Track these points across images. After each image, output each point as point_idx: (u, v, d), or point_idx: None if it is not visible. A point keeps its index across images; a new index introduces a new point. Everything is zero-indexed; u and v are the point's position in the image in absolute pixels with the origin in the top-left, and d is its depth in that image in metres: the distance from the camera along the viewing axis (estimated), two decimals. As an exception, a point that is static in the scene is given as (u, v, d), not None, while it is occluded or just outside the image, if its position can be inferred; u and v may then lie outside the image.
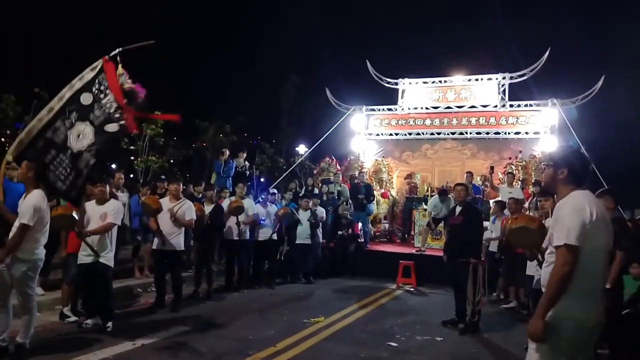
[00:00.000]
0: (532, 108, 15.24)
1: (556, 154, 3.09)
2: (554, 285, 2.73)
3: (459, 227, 7.13)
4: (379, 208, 15.02)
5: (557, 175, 2.94)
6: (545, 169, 3.08)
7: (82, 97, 4.82)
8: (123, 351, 5.30)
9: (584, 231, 2.71)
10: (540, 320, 2.74)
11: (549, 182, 3.05)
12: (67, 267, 6.55)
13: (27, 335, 4.93)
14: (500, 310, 8.54)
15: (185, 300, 7.89)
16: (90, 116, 4.81)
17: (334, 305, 8.22)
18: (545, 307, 2.74)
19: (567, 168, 2.91)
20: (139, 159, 19.28)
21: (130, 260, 9.44)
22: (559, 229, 2.77)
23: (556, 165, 2.96)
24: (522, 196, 10.54)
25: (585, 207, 2.78)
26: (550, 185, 3.05)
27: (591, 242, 2.74)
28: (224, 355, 5.34)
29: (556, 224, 2.82)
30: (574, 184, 2.91)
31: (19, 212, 4.84)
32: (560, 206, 2.87)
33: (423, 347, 6.06)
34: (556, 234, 2.78)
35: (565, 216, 2.77)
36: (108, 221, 6.09)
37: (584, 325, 2.76)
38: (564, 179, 2.92)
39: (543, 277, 2.96)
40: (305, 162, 24.93)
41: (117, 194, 7.94)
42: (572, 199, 2.85)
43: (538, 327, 2.75)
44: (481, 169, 14.43)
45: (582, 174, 2.95)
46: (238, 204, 9.13)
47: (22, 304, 4.95)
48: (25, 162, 5.03)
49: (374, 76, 17.06)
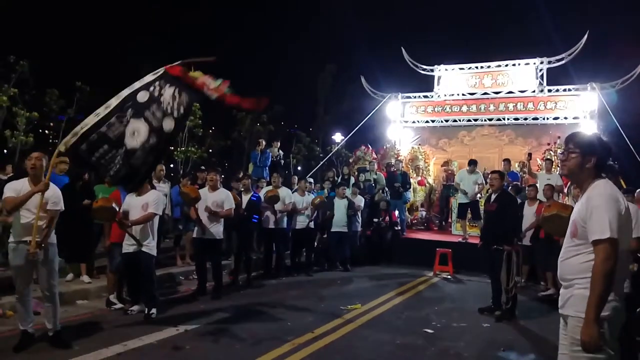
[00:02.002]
0: (570, 93, 14.84)
1: (584, 141, 2.87)
2: (601, 284, 2.51)
3: (494, 214, 7.09)
4: (415, 196, 14.99)
5: (585, 163, 2.80)
6: (567, 155, 2.86)
7: (138, 95, 4.83)
8: (167, 336, 5.52)
9: (621, 222, 2.58)
10: (593, 326, 2.48)
11: (575, 170, 2.85)
12: (112, 256, 6.82)
13: (58, 323, 5.12)
14: (538, 298, 8.47)
15: (226, 287, 8.12)
16: (146, 113, 4.79)
17: (371, 293, 8.31)
18: (596, 309, 2.49)
19: (595, 156, 2.79)
20: (179, 150, 19.70)
21: (172, 249, 9.76)
22: (596, 221, 2.59)
23: (584, 153, 2.81)
24: (561, 182, 10.33)
25: (618, 197, 2.66)
26: (577, 173, 2.86)
27: (623, 234, 2.61)
28: (263, 340, 5.49)
29: (591, 216, 2.63)
30: (597, 173, 2.80)
31: (51, 201, 4.99)
32: (591, 196, 2.71)
33: (458, 334, 6.09)
34: (594, 226, 2.60)
35: (602, 207, 2.61)
36: (149, 211, 6.29)
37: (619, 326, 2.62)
38: (591, 167, 2.79)
39: (564, 271, 2.81)
40: (341, 151, 24.96)
41: (159, 184, 8.21)
42: (603, 189, 2.71)
43: (593, 334, 2.48)
44: (519, 156, 14.22)
45: (605, 164, 2.88)
46: (274, 193, 9.28)
47: (49, 292, 5.07)
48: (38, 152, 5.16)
49: (410, 63, 16.91)
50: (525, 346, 5.76)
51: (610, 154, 2.98)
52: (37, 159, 4.99)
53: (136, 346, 5.15)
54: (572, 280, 2.72)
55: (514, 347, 5.68)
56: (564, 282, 2.81)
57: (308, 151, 30.76)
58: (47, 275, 5.04)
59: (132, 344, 5.18)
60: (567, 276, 2.78)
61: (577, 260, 2.71)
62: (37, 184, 4.96)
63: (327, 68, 39.56)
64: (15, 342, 4.93)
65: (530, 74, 15.26)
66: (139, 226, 6.29)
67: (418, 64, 16.78)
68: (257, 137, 19.43)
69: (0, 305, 6.05)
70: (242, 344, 5.39)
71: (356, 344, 5.55)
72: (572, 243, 2.78)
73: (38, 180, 4.99)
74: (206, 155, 23.53)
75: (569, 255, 2.79)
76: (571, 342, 2.67)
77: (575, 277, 2.71)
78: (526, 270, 9.13)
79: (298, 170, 27.41)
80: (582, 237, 2.71)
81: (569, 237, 2.81)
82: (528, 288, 9.02)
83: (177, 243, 9.66)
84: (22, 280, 4.98)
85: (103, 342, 5.20)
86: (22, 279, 4.98)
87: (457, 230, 12.43)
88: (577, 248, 2.73)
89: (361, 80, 17.70)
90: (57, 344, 5.03)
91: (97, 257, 8.13)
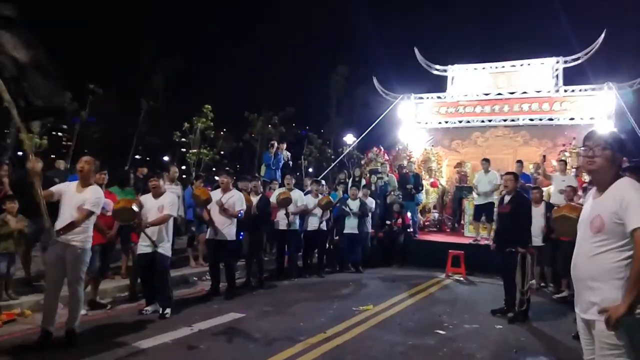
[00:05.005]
0: (587, 93, 14.69)
1: (616, 140, 2.83)
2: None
3: (507, 215, 7.06)
4: (428, 197, 14.91)
5: (615, 160, 2.78)
6: (598, 152, 2.80)
7: None
8: (181, 336, 5.57)
9: None
10: (625, 309, 2.50)
11: (605, 167, 2.78)
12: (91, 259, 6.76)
13: (76, 321, 5.20)
14: (552, 300, 8.42)
15: (239, 288, 8.17)
16: None
17: (383, 294, 8.32)
18: (636, 297, 2.50)
19: (623, 154, 2.81)
20: (191, 152, 19.86)
21: (185, 250, 9.85)
22: (633, 211, 2.56)
23: (615, 151, 2.78)
24: (576, 184, 10.26)
25: None
26: (606, 170, 2.79)
27: None
28: (276, 340, 5.53)
29: (628, 207, 2.59)
30: (620, 171, 2.80)
31: (89, 202, 5.09)
32: (623, 190, 2.66)
33: (471, 335, 6.08)
34: (631, 216, 2.56)
35: (637, 199, 2.59)
36: (165, 213, 6.39)
37: None
38: (619, 166, 2.81)
39: (588, 269, 2.75)
40: (353, 152, 24.98)
41: (171, 186, 8.30)
42: (631, 184, 2.69)
43: (620, 312, 2.51)
44: (534, 157, 14.06)
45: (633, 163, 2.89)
46: (286, 195, 9.32)
47: (74, 291, 5.15)
48: (87, 157, 5.31)
49: (422, 64, 16.86)
50: (538, 348, 5.73)
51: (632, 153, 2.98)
52: (86, 163, 5.17)
53: (151, 345, 5.21)
54: (600, 282, 2.66)
55: (526, 349, 5.65)
56: (587, 283, 2.74)
57: (319, 153, 30.82)
58: (72, 276, 5.12)
59: (147, 343, 5.24)
60: (592, 275, 2.71)
61: (607, 259, 2.66)
62: (85, 186, 5.17)
63: (338, 69, 39.67)
64: (33, 340, 5.01)
65: (546, 74, 15.14)
66: (154, 227, 6.38)
67: (431, 64, 16.73)
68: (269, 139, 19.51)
69: (19, 305, 6.16)
70: (255, 343, 5.43)
71: (368, 345, 5.56)
72: (597, 238, 2.71)
73: (85, 182, 5.18)
74: (218, 157, 23.66)
75: (594, 252, 2.71)
76: (601, 347, 2.63)
77: (604, 279, 2.65)
78: (537, 271, 9.06)
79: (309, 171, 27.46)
80: (610, 231, 2.66)
81: (592, 233, 2.74)
82: (539, 290, 8.97)
83: (190, 244, 9.75)
84: (52, 278, 5.07)
85: (118, 342, 5.26)
86: (52, 277, 5.07)
87: (470, 232, 12.39)
88: (605, 244, 2.68)
89: (373, 81, 17.70)
90: (66, 340, 5.10)
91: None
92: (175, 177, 8.99)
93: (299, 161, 25.07)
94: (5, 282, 6.35)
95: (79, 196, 5.12)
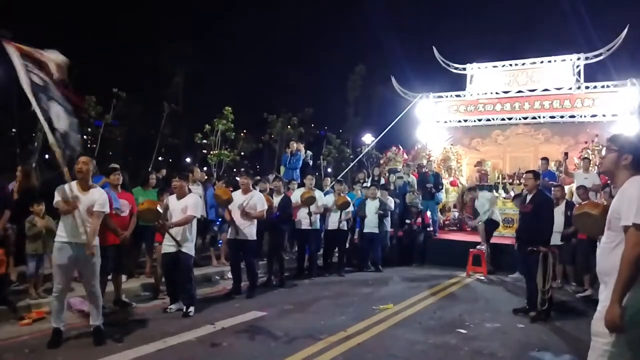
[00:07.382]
0: (609, 89, 14.43)
1: (621, 139, 2.96)
2: (627, 269, 2.61)
3: (529, 215, 7.03)
4: (448, 196, 14.86)
5: (620, 160, 2.88)
6: (606, 153, 3.00)
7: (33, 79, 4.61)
8: (205, 334, 5.68)
9: None
10: (616, 306, 2.61)
11: (610, 167, 2.95)
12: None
13: (100, 318, 5.33)
14: (575, 299, 8.34)
15: (260, 287, 8.27)
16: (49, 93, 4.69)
17: (403, 293, 8.34)
18: (620, 293, 2.61)
19: (632, 154, 2.85)
20: (212, 153, 20.03)
21: (207, 249, 10.00)
22: (627, 208, 2.68)
23: (620, 150, 2.89)
24: (599, 182, 10.14)
25: None
26: (611, 170, 2.96)
27: None
28: (297, 338, 5.59)
29: (622, 205, 2.73)
30: (634, 170, 2.84)
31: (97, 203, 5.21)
32: (627, 188, 2.78)
33: (492, 334, 6.07)
34: (625, 213, 2.69)
35: (634, 196, 2.68)
36: (189, 214, 6.52)
37: None
38: (627, 164, 2.86)
39: (600, 267, 2.89)
40: (372, 152, 24.91)
41: (193, 186, 8.43)
42: (637, 182, 2.76)
43: (615, 313, 2.60)
44: (556, 154, 13.92)
45: None
46: (310, 194, 9.39)
47: (92, 290, 5.29)
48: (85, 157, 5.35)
49: (441, 62, 16.77)
50: (561, 347, 5.69)
51: None
52: (84, 164, 5.23)
53: (176, 342, 5.32)
54: (611, 277, 2.74)
55: (549, 348, 5.61)
56: (602, 278, 2.87)
57: (338, 153, 30.78)
58: (89, 275, 5.27)
59: (171, 341, 5.36)
60: (605, 271, 2.83)
61: (616, 255, 2.74)
62: (84, 187, 5.22)
63: (356, 69, 39.61)
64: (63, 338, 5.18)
65: (567, 71, 14.94)
66: (179, 228, 6.50)
67: (450, 62, 16.64)
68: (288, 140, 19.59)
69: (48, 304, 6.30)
70: (277, 341, 5.51)
71: (388, 343, 5.60)
72: (607, 236, 2.85)
73: (85, 183, 5.24)
74: (238, 158, 23.81)
75: (607, 248, 2.85)
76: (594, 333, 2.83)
77: (609, 275, 2.76)
78: (560, 270, 8.98)
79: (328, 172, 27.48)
80: (616, 228, 2.77)
81: (606, 229, 2.87)
82: (562, 288, 8.89)
83: (212, 243, 9.90)
84: (62, 279, 5.15)
85: (143, 339, 5.39)
86: (62, 278, 5.15)
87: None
88: (614, 240, 2.80)
89: (392, 80, 17.68)
90: (94, 338, 5.22)
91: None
92: (199, 178, 9.10)
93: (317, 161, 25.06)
94: (34, 281, 6.55)
95: (85, 198, 5.16)
